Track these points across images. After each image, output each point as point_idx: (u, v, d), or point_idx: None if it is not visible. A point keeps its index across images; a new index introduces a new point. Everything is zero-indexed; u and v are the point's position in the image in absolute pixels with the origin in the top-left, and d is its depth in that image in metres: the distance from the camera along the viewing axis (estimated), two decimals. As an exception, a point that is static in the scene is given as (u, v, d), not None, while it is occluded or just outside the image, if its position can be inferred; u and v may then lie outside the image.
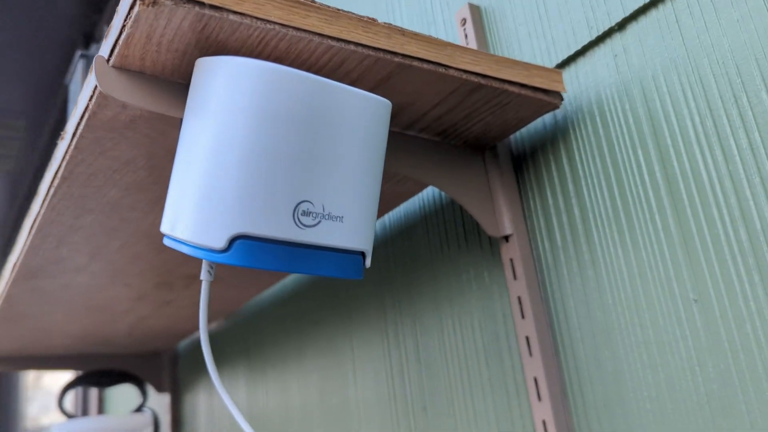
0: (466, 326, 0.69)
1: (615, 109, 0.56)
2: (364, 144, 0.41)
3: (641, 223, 0.53)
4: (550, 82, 0.56)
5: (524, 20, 0.64)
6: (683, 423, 0.48)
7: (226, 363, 1.26)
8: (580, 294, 0.57)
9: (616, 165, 0.55)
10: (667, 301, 0.50)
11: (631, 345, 0.52)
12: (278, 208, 0.37)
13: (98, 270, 0.84)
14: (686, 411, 0.48)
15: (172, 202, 0.41)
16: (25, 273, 0.80)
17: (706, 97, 0.49)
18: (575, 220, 0.58)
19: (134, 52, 0.43)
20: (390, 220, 0.83)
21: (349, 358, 0.88)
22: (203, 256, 0.37)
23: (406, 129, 0.59)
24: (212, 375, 0.44)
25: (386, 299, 0.81)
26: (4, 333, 1.09)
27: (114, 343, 1.31)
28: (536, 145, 0.63)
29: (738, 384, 0.45)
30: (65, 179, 0.58)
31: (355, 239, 0.40)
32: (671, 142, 0.51)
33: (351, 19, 0.46)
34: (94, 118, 0.49)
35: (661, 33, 0.53)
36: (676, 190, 0.50)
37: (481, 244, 0.68)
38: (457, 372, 0.69)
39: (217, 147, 0.38)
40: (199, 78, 0.42)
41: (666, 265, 0.51)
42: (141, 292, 0.97)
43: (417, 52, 0.49)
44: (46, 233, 0.69)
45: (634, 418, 0.51)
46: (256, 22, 0.41)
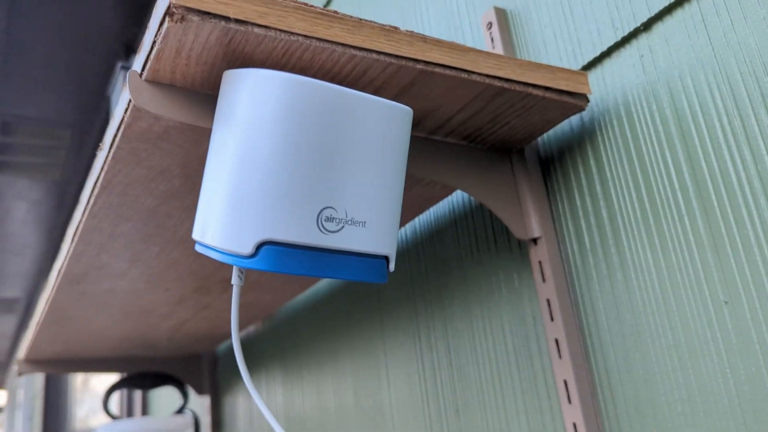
0: (497, 329, 0.69)
1: (642, 110, 0.55)
2: (385, 150, 0.42)
3: (670, 225, 0.52)
4: (575, 84, 0.56)
5: (549, 22, 0.64)
6: (715, 426, 0.48)
7: (263, 366, 1.28)
8: (610, 297, 0.57)
9: (643, 167, 0.55)
10: (698, 304, 0.50)
11: (661, 348, 0.52)
12: (303, 214, 0.38)
13: (138, 275, 0.86)
14: (718, 414, 0.47)
15: (202, 210, 0.42)
16: (69, 278, 0.83)
17: (734, 96, 0.48)
18: (603, 223, 0.58)
19: (165, 66, 0.45)
20: (420, 224, 0.83)
21: (382, 360, 0.88)
22: (232, 262, 0.39)
23: (431, 134, 0.60)
24: (244, 376, 0.45)
25: (418, 302, 0.82)
26: (50, 336, 1.14)
27: (156, 346, 1.34)
28: (563, 147, 0.63)
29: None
30: (104, 189, 0.61)
31: (378, 244, 0.41)
32: (699, 142, 0.51)
33: (373, 29, 0.47)
34: (129, 130, 0.51)
35: (687, 32, 0.52)
36: (704, 192, 0.50)
37: (510, 247, 0.68)
38: (489, 374, 0.69)
39: (244, 156, 0.39)
40: (226, 90, 0.43)
41: (696, 267, 0.50)
42: (180, 297, 0.99)
43: (439, 59, 0.49)
44: (87, 240, 0.72)
45: (666, 421, 0.51)
46: (280, 35, 0.43)
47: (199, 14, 0.40)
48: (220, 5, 0.41)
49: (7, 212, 3.65)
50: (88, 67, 2.38)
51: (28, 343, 1.19)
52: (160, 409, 1.98)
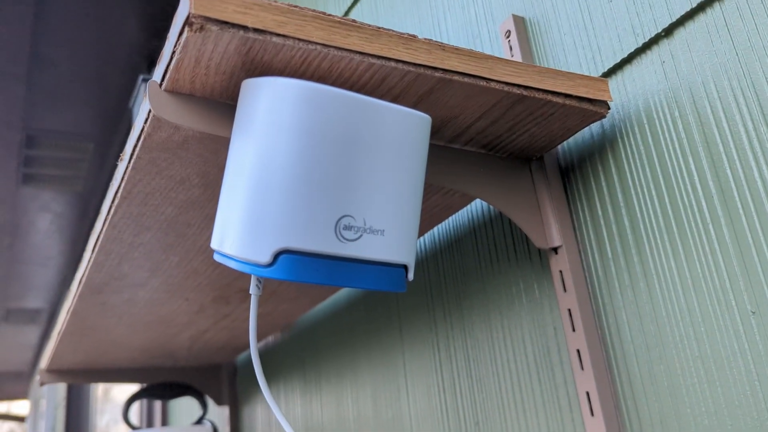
0: (517, 339, 0.68)
1: (664, 117, 0.55)
2: (404, 158, 0.42)
3: (694, 233, 0.51)
4: (595, 91, 0.55)
5: (569, 30, 0.64)
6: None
7: (282, 376, 1.28)
8: (633, 307, 0.56)
9: (666, 174, 0.54)
10: (724, 314, 0.48)
11: (687, 359, 0.51)
12: (320, 222, 0.38)
13: (158, 285, 0.87)
14: (746, 428, 0.46)
15: (220, 219, 0.42)
16: (90, 288, 0.84)
17: (759, 101, 0.47)
18: (625, 231, 0.57)
19: (184, 75, 0.45)
20: (439, 233, 0.83)
21: (402, 371, 0.88)
22: (249, 271, 0.39)
23: (450, 142, 0.59)
24: (262, 386, 0.45)
25: (437, 312, 0.81)
26: (72, 346, 1.14)
27: (176, 356, 1.35)
28: (584, 155, 0.62)
29: (800, 400, 0.43)
30: (124, 198, 0.61)
31: (396, 252, 0.41)
32: (723, 149, 0.50)
33: (391, 37, 0.47)
34: (149, 140, 0.52)
35: (710, 37, 0.51)
36: (729, 199, 0.49)
37: (530, 256, 0.67)
38: (509, 386, 0.68)
39: (261, 164, 0.39)
40: (244, 98, 0.43)
41: (721, 276, 0.49)
42: (200, 306, 1.00)
43: (457, 66, 0.49)
44: (108, 250, 0.72)
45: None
46: (298, 44, 0.43)
47: (218, 24, 0.41)
48: (239, 15, 0.41)
49: (31, 224, 3.71)
50: (111, 81, 2.41)
51: (50, 353, 1.20)
52: (180, 420, 1.99)
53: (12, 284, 4.63)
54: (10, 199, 3.32)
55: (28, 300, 5.03)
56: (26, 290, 4.82)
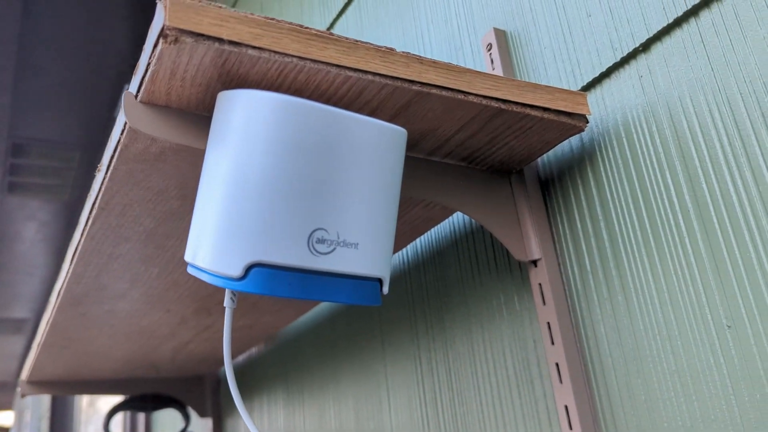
0: (498, 353, 0.68)
1: (642, 131, 0.55)
2: (379, 172, 0.42)
3: (671, 247, 0.51)
4: (573, 105, 0.56)
5: (549, 43, 0.64)
6: (719, 455, 0.46)
7: (265, 388, 1.27)
8: (611, 320, 0.56)
9: (644, 188, 0.54)
10: (700, 328, 0.49)
11: (664, 373, 0.51)
12: (293, 236, 0.38)
13: (139, 296, 0.86)
14: (722, 442, 0.46)
15: (194, 231, 0.42)
16: (69, 300, 0.83)
17: (734, 116, 0.48)
18: (604, 245, 0.57)
19: (160, 87, 0.45)
20: (422, 245, 0.83)
21: (384, 383, 0.87)
22: (221, 284, 0.38)
23: (430, 155, 0.59)
24: (236, 399, 0.45)
25: (419, 324, 0.81)
26: (52, 358, 1.13)
27: (158, 367, 1.34)
28: (563, 168, 0.62)
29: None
30: (102, 210, 0.60)
31: (371, 266, 0.41)
32: (699, 163, 0.50)
33: (369, 50, 0.47)
34: (126, 151, 0.51)
35: (687, 53, 0.52)
36: (705, 214, 0.49)
37: (510, 269, 0.67)
38: (490, 399, 0.68)
39: (235, 177, 0.39)
40: (220, 111, 0.43)
41: (697, 290, 0.49)
42: (181, 318, 0.99)
43: (435, 80, 0.49)
44: (87, 261, 0.72)
45: (668, 449, 0.50)
46: (274, 56, 0.43)
47: (193, 36, 0.40)
48: (215, 27, 0.41)
49: (17, 233, 3.67)
50: (98, 89, 2.40)
51: (30, 365, 1.18)
52: (164, 431, 1.97)
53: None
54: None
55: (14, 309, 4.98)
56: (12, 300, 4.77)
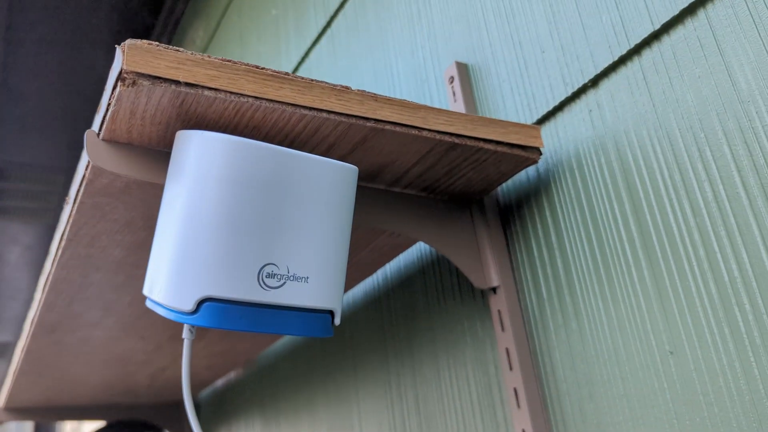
0: (462, 378, 0.69)
1: (592, 163, 0.57)
2: (328, 208, 0.43)
3: (619, 275, 0.53)
4: (527, 138, 0.58)
5: (507, 77, 0.67)
6: (664, 477, 0.48)
7: (243, 412, 1.27)
8: (565, 346, 0.57)
9: (594, 218, 0.56)
10: (645, 354, 0.50)
11: (613, 397, 0.53)
12: (243, 271, 0.39)
13: (112, 324, 0.87)
14: (667, 465, 0.48)
15: (151, 266, 0.43)
16: (43, 328, 0.84)
17: (674, 150, 0.50)
18: (559, 272, 0.59)
19: (121, 126, 0.46)
20: (390, 271, 0.84)
21: (355, 408, 0.88)
22: (175, 318, 0.40)
23: (391, 186, 0.61)
24: (194, 427, 0.46)
25: (389, 350, 0.83)
26: (29, 384, 1.13)
27: (136, 393, 1.34)
28: (521, 197, 0.64)
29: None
30: (71, 240, 0.62)
31: (321, 298, 0.42)
32: (643, 195, 0.52)
33: (324, 89, 0.49)
34: (91, 186, 0.53)
35: (630, 89, 0.54)
36: (649, 243, 0.51)
37: (474, 295, 0.69)
38: (454, 424, 0.69)
39: (187, 214, 0.40)
40: (177, 149, 0.45)
41: (643, 317, 0.51)
42: (156, 345, 1.00)
43: (389, 116, 0.51)
44: (58, 290, 0.73)
45: (618, 472, 0.51)
46: (230, 96, 0.45)
47: (150, 79, 0.42)
48: (171, 70, 0.43)
49: (0, 256, 3.65)
50: (80, 113, 2.41)
51: (6, 391, 1.18)
52: (145, 457, 1.96)
53: (-20, 318, 4.53)
54: (-21, 232, 3.27)
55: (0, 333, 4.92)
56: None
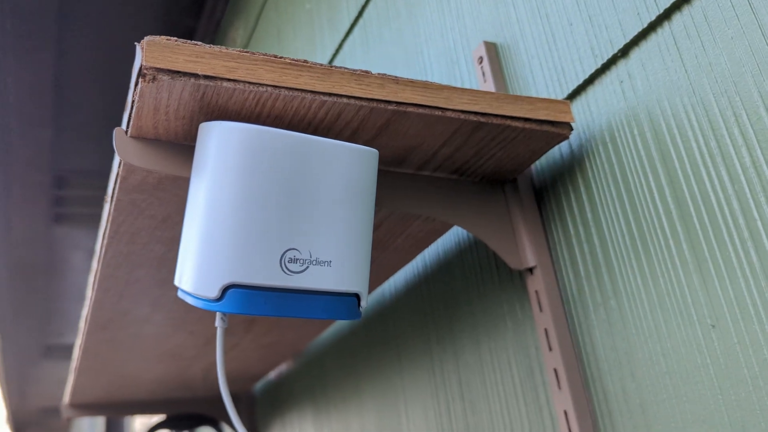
0: (503, 361, 0.68)
1: (625, 136, 0.55)
2: (349, 192, 0.43)
3: (657, 249, 0.52)
4: (556, 113, 0.56)
5: (536, 53, 0.65)
6: (711, 456, 0.46)
7: (295, 404, 1.29)
8: (605, 324, 0.56)
9: (629, 192, 0.54)
10: (687, 329, 0.49)
11: (655, 375, 0.51)
12: (265, 257, 0.40)
13: (161, 319, 0.89)
14: (713, 443, 0.46)
15: (180, 256, 0.44)
16: (96, 325, 0.87)
17: (708, 117, 0.48)
18: (596, 249, 0.58)
19: (146, 122, 0.47)
20: (429, 258, 0.84)
21: (401, 396, 0.88)
22: (202, 306, 0.40)
23: (420, 170, 0.61)
24: (229, 410, 0.47)
25: (431, 337, 0.82)
26: (89, 381, 1.18)
27: (192, 387, 1.37)
28: (555, 176, 0.63)
29: (760, 412, 0.43)
30: (112, 238, 0.64)
31: (345, 282, 0.42)
32: (679, 165, 0.50)
33: (343, 74, 0.49)
34: (125, 183, 0.54)
35: (662, 56, 0.52)
36: (686, 214, 0.49)
37: (512, 278, 0.68)
38: (498, 408, 0.69)
39: (211, 204, 0.41)
40: (200, 141, 0.45)
41: (683, 291, 0.49)
42: (205, 339, 1.02)
43: (411, 98, 0.51)
44: (106, 287, 0.75)
45: (663, 452, 0.50)
46: (249, 86, 0.45)
47: (169, 74, 0.43)
48: (189, 63, 0.44)
49: (65, 261, 3.81)
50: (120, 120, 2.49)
51: (70, 388, 1.24)
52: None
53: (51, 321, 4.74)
54: (44, 239, 3.42)
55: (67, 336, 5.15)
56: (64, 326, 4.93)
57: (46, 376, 6.22)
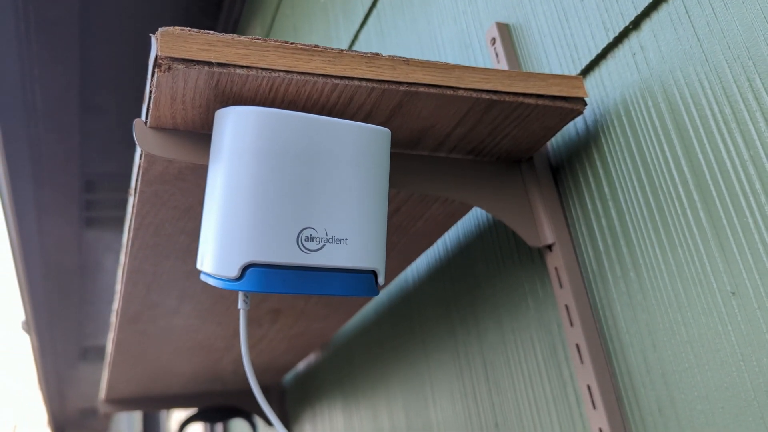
0: (526, 340, 0.69)
1: (639, 108, 0.55)
2: (363, 171, 0.44)
3: (674, 219, 0.51)
4: (569, 89, 0.56)
5: (548, 31, 0.65)
6: (735, 422, 0.46)
7: (325, 393, 1.31)
8: (625, 297, 0.56)
9: (645, 163, 0.54)
10: (707, 297, 0.48)
11: (677, 344, 0.51)
12: (282, 236, 0.41)
13: (189, 311, 0.91)
14: (736, 409, 0.46)
15: (201, 240, 0.46)
16: (127, 318, 0.89)
17: (722, 83, 0.48)
18: (614, 223, 0.58)
19: (164, 112, 0.49)
20: (450, 241, 0.84)
21: (427, 380, 0.89)
22: (223, 286, 0.42)
23: (435, 151, 0.61)
24: (256, 392, 0.48)
25: (454, 319, 0.83)
26: (124, 375, 1.21)
27: (224, 379, 1.40)
28: (572, 152, 0.63)
29: (783, 378, 0.43)
30: (138, 230, 0.65)
31: (362, 259, 0.43)
32: (694, 134, 0.50)
33: (354, 57, 0.49)
34: (147, 174, 0.56)
35: (674, 26, 0.52)
36: (703, 182, 0.49)
37: (532, 257, 0.68)
38: (522, 386, 0.69)
39: (228, 187, 0.42)
40: (216, 128, 0.47)
41: (702, 259, 0.49)
42: (234, 331, 1.04)
43: (422, 79, 0.51)
44: (135, 281, 0.77)
45: (687, 421, 0.50)
46: (261, 72, 0.46)
47: (184, 62, 0.44)
48: (203, 52, 0.45)
49: (98, 264, 3.89)
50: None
51: (105, 384, 1.27)
52: (241, 444, 2.04)
53: (86, 324, 4.85)
54: (76, 243, 3.50)
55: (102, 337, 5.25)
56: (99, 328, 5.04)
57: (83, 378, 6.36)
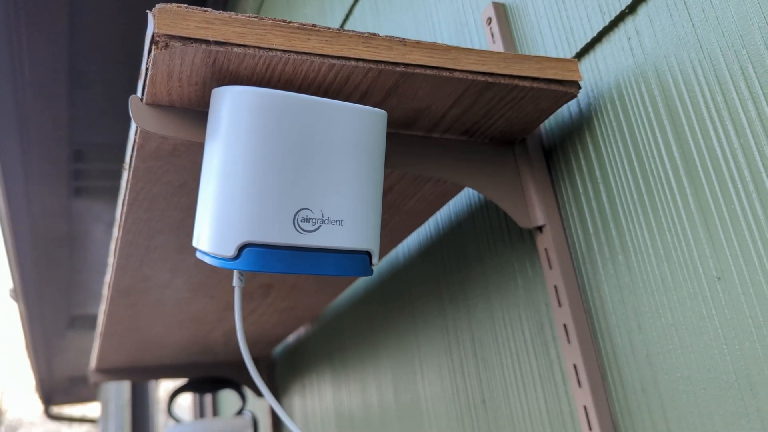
0: (515, 318, 0.70)
1: (632, 93, 0.56)
2: (359, 153, 0.45)
3: (664, 204, 0.52)
4: (564, 72, 0.57)
5: (544, 12, 0.65)
6: (715, 403, 0.48)
7: (314, 367, 1.33)
8: (613, 279, 0.57)
9: (637, 148, 0.55)
10: (693, 281, 0.50)
11: (662, 327, 0.52)
12: (279, 216, 0.41)
13: (181, 285, 0.92)
14: (718, 390, 0.47)
15: (197, 219, 0.46)
16: (118, 291, 0.90)
17: (715, 71, 0.48)
18: (604, 206, 0.58)
19: (161, 89, 0.49)
20: (441, 220, 0.85)
21: (416, 355, 0.91)
22: (220, 264, 0.42)
23: (430, 132, 0.62)
24: (249, 367, 0.49)
25: (444, 297, 0.84)
26: (114, 346, 1.21)
27: (214, 351, 1.41)
28: (564, 135, 0.63)
29: (764, 361, 0.44)
30: (131, 205, 0.66)
31: (357, 240, 0.44)
32: (685, 120, 0.51)
33: (351, 37, 0.49)
34: (142, 150, 0.56)
35: (669, 11, 0.52)
36: (693, 168, 0.50)
37: (522, 237, 0.69)
38: (510, 364, 0.70)
39: (224, 166, 0.42)
40: (213, 106, 0.47)
41: (689, 244, 0.50)
42: (225, 304, 1.05)
43: (419, 60, 0.51)
44: (128, 254, 0.77)
45: (669, 401, 0.51)
46: (259, 51, 0.46)
47: (181, 40, 0.44)
48: (200, 30, 0.45)
49: (87, 234, 3.87)
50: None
51: (95, 354, 1.28)
52: (228, 411, 2.07)
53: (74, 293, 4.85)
54: (65, 212, 3.48)
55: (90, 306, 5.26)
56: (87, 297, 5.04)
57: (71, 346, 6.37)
